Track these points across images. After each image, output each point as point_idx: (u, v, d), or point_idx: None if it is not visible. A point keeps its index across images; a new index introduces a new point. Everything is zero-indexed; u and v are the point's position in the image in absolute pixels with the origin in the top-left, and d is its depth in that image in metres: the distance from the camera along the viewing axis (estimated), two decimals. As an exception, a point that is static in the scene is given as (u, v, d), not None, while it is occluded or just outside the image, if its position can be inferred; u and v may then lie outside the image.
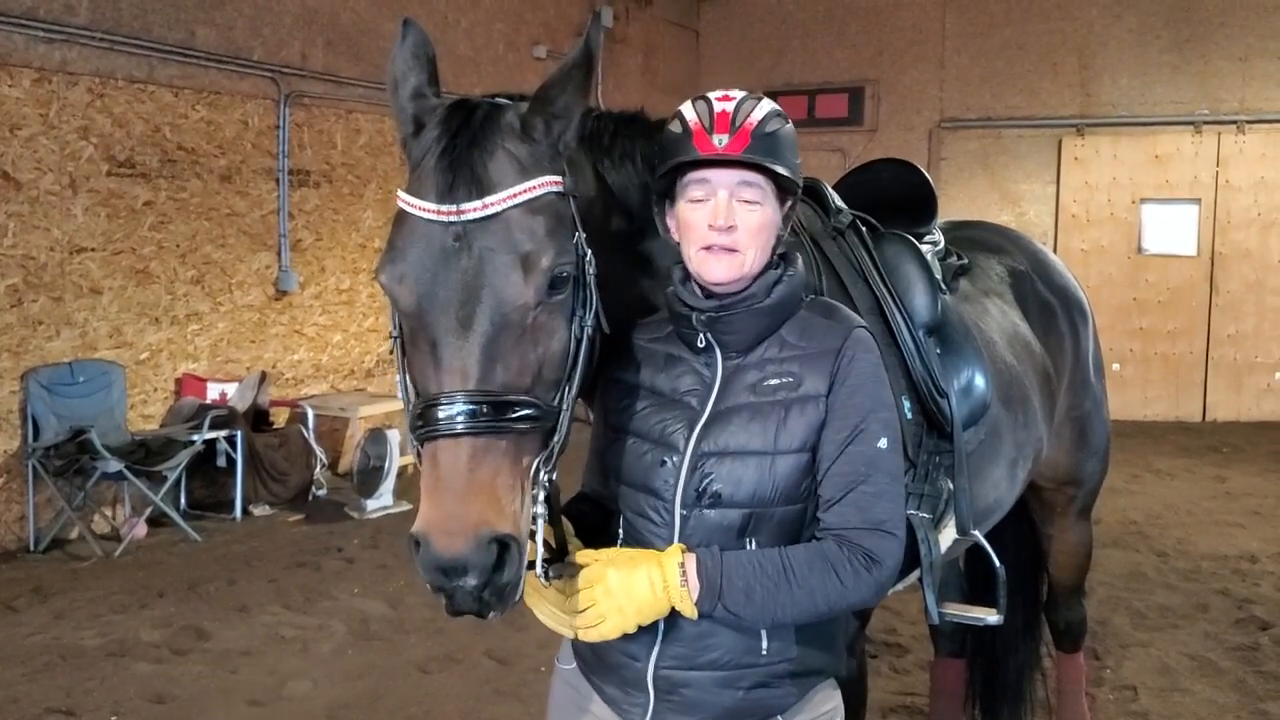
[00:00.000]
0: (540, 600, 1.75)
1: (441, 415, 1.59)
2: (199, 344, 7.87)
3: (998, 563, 2.69)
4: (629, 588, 1.67)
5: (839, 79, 13.45)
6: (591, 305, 1.74)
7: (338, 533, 7.17)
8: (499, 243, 1.63)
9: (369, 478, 7.65)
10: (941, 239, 3.05)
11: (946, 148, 12.70)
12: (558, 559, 1.76)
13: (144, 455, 6.81)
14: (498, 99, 1.80)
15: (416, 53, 1.79)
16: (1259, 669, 4.96)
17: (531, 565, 1.68)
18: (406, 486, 8.12)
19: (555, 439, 1.70)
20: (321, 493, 7.95)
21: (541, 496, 1.67)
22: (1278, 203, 11.55)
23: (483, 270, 1.62)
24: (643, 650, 1.80)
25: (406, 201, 1.68)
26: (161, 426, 7.45)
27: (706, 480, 1.76)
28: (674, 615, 1.73)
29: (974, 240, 3.47)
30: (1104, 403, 3.66)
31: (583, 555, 1.74)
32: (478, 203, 1.63)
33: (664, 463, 1.80)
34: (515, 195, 1.65)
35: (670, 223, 1.88)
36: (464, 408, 1.59)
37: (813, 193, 2.68)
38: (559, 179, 1.72)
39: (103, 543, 6.68)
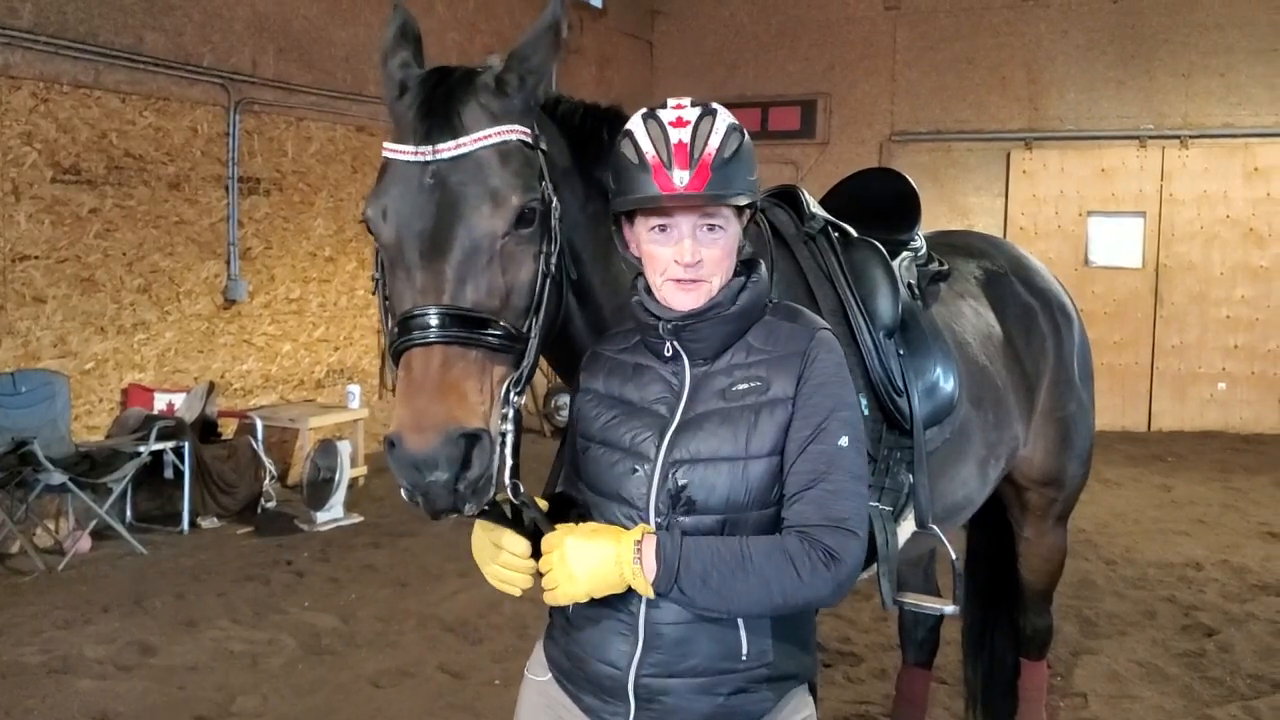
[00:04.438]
0: (486, 544, 1.84)
1: (416, 325, 1.75)
2: (146, 354, 7.74)
3: (954, 555, 2.80)
4: (583, 558, 1.71)
5: (792, 92, 13.57)
6: (556, 244, 1.90)
7: (287, 545, 7.08)
8: (470, 178, 1.81)
9: (319, 490, 7.56)
10: (924, 245, 3.14)
11: (897, 161, 12.80)
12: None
13: (89, 467, 6.69)
14: (474, 67, 1.99)
15: (404, 31, 1.99)
16: (1205, 675, 5.03)
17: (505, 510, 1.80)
18: (357, 498, 8.04)
19: (524, 363, 1.84)
20: (271, 505, 7.82)
21: (511, 415, 1.80)
22: (1220, 216, 11.79)
23: (455, 202, 1.80)
24: (623, 659, 1.82)
25: (390, 149, 1.86)
26: (107, 438, 7.32)
27: (679, 488, 1.78)
28: (654, 622, 1.79)
29: (955, 245, 3.57)
30: (1090, 407, 3.71)
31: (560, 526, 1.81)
32: (451, 143, 1.81)
33: (635, 471, 1.83)
34: (486, 137, 1.84)
35: (629, 237, 1.89)
36: (437, 318, 1.74)
37: (790, 197, 2.79)
38: (527, 130, 1.91)
39: (45, 556, 6.53)
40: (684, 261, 1.78)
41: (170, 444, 7.18)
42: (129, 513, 7.24)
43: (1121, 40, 12.15)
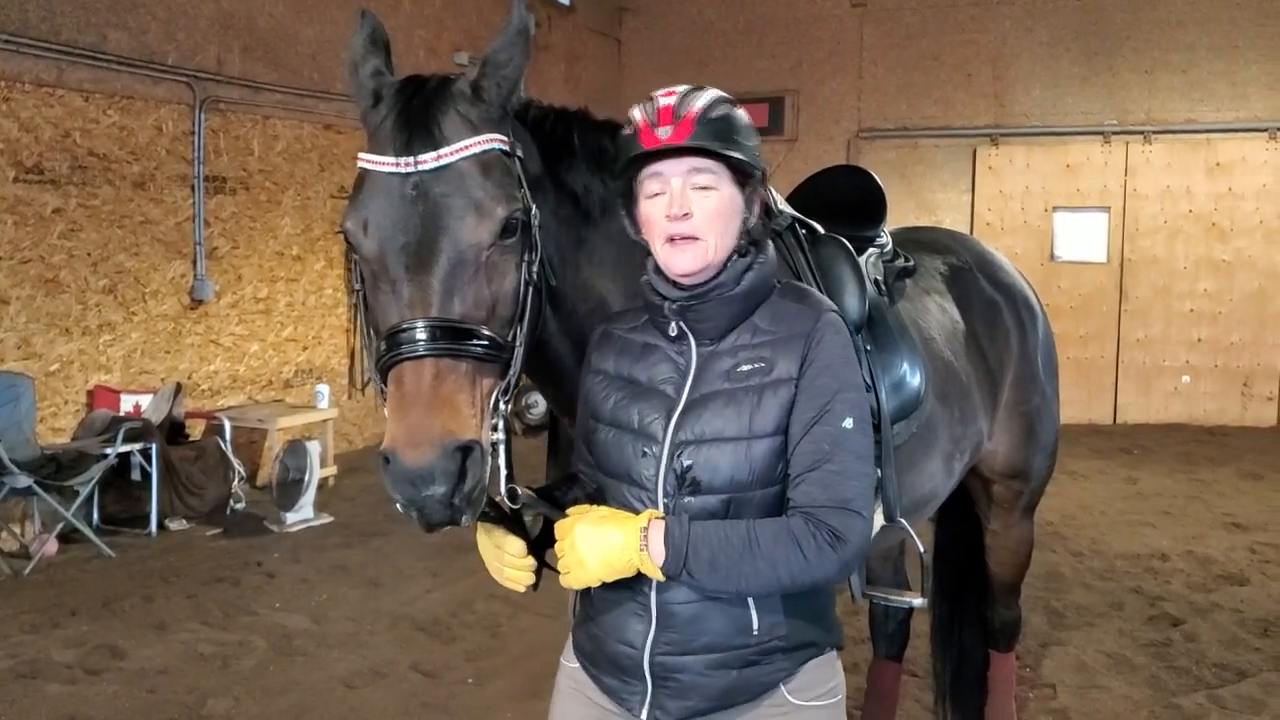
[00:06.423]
0: (489, 545, 1.87)
1: (404, 339, 1.73)
2: (112, 355, 7.67)
3: (921, 548, 2.82)
4: (593, 545, 1.74)
5: (760, 89, 13.59)
6: (537, 252, 1.91)
7: (257, 546, 7.04)
8: (453, 189, 1.80)
9: (288, 490, 7.52)
10: (890, 241, 3.16)
11: (864, 157, 12.88)
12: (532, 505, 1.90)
13: (54, 470, 6.62)
14: (448, 75, 1.97)
15: (374, 38, 1.97)
16: (1171, 664, 5.10)
17: (507, 507, 1.83)
18: (327, 499, 8.00)
19: (511, 371, 1.85)
20: (240, 506, 7.78)
21: (500, 425, 1.81)
22: (1183, 211, 11.93)
23: (439, 214, 1.78)
24: (638, 638, 1.87)
25: (368, 160, 1.84)
26: (73, 440, 7.24)
27: (685, 469, 1.81)
28: (666, 603, 1.83)
29: (921, 241, 3.59)
30: (1054, 401, 3.73)
31: (571, 511, 1.84)
32: (432, 154, 1.80)
33: (645, 453, 1.86)
34: (466, 148, 1.82)
35: (637, 221, 1.93)
36: (426, 332, 1.73)
37: None
38: (505, 138, 1.91)
39: (12, 560, 6.47)
40: (673, 214, 1.81)
41: (137, 446, 7.12)
42: (96, 515, 7.17)
43: (1085, 37, 12.27)
